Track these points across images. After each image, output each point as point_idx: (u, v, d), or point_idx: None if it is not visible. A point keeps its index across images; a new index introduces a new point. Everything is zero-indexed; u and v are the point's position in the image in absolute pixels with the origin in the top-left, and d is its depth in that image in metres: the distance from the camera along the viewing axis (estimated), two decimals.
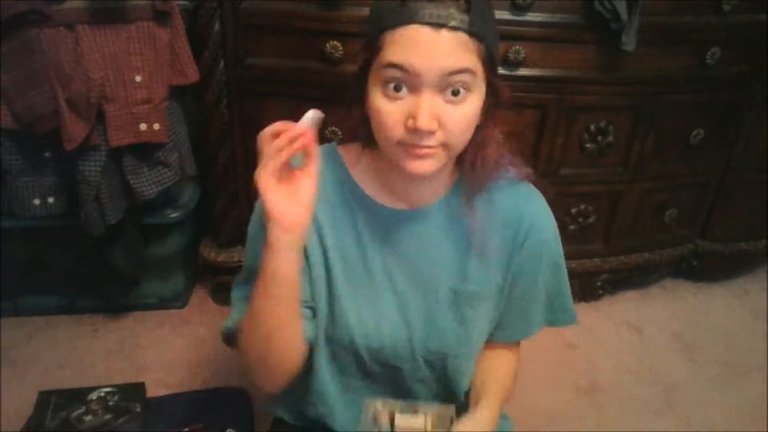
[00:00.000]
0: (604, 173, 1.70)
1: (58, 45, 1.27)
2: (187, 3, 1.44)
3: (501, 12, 1.42)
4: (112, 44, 1.33)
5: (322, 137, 1.50)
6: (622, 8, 1.39)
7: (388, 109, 0.70)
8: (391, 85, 0.69)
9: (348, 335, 0.85)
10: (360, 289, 0.84)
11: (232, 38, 1.44)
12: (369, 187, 0.83)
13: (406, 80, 0.68)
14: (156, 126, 1.41)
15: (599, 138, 1.63)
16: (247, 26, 1.43)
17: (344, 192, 0.83)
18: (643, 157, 1.70)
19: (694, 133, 1.71)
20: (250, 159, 1.60)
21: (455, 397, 0.92)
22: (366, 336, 0.85)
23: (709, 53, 1.58)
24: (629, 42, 1.43)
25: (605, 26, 1.43)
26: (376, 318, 0.85)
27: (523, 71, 1.49)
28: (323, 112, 0.75)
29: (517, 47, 1.45)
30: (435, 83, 0.68)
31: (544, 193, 0.88)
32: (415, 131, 0.69)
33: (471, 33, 0.67)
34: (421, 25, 0.66)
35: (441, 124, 0.70)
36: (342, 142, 0.87)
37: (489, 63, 0.71)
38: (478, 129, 0.75)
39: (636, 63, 1.52)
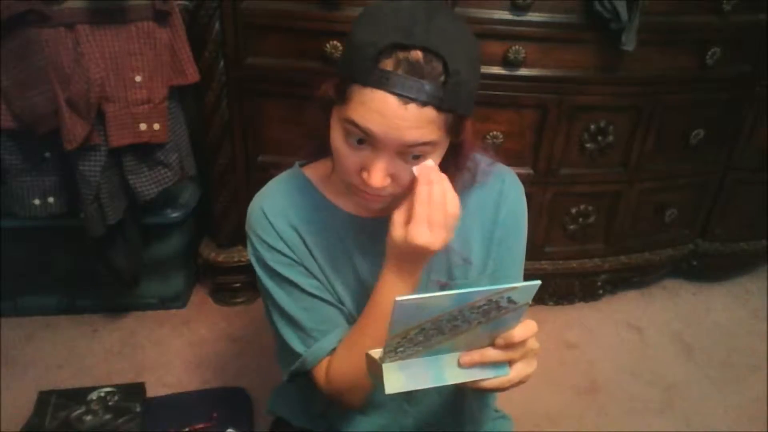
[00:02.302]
0: (604, 173, 1.70)
1: (58, 45, 1.27)
2: (187, 3, 1.44)
3: (501, 12, 1.43)
4: (112, 44, 1.33)
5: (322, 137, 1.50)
6: (622, 8, 1.39)
7: (346, 154, 0.70)
8: (352, 138, 0.68)
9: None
10: (355, 299, 0.85)
11: (232, 38, 1.44)
12: (345, 202, 0.83)
13: (366, 139, 0.67)
14: (156, 126, 1.41)
15: (599, 138, 1.63)
16: (247, 26, 1.43)
17: (321, 212, 0.83)
18: (643, 157, 1.70)
19: (694, 133, 1.71)
20: (250, 159, 1.60)
21: (456, 391, 0.92)
22: None
23: (709, 53, 1.58)
24: (629, 42, 1.43)
25: (605, 26, 1.43)
26: None
27: (523, 71, 1.49)
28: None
29: (517, 47, 1.45)
30: (395, 149, 0.67)
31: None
32: (366, 183, 0.69)
33: (440, 109, 0.65)
34: (390, 94, 0.63)
35: (394, 179, 0.70)
36: (303, 163, 0.88)
37: (455, 127, 0.69)
38: (454, 152, 0.74)
39: (636, 63, 1.52)
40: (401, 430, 0.93)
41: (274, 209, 0.83)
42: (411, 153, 0.68)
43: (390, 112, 0.63)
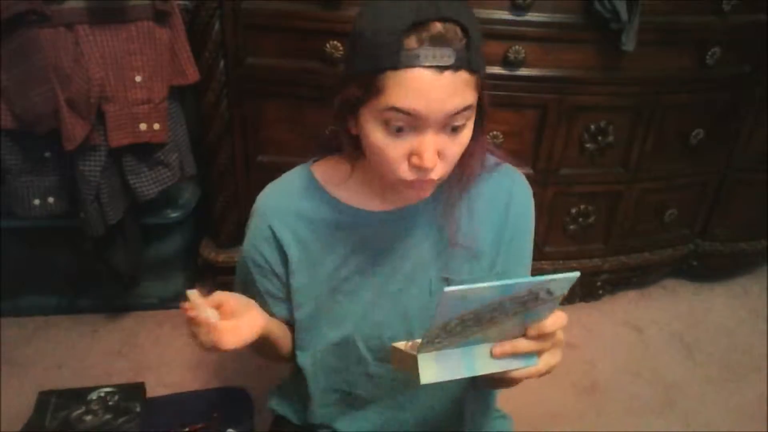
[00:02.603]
0: (604, 173, 1.70)
1: (58, 45, 1.27)
2: (187, 3, 1.44)
3: (501, 12, 1.43)
4: (112, 44, 1.33)
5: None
6: (622, 8, 1.39)
7: (390, 146, 0.70)
8: (395, 127, 0.69)
9: (350, 337, 0.87)
10: (358, 294, 0.86)
11: (232, 38, 1.44)
12: (351, 197, 0.84)
13: (409, 122, 0.68)
14: (156, 126, 1.41)
15: (599, 138, 1.63)
16: (247, 26, 1.43)
17: (323, 210, 0.84)
18: (643, 157, 1.70)
19: (694, 133, 1.71)
20: (250, 159, 1.60)
21: (456, 389, 0.93)
22: (367, 336, 0.87)
23: (709, 53, 1.58)
24: (629, 42, 1.43)
25: (605, 26, 1.43)
26: (376, 317, 0.86)
27: (523, 71, 1.49)
28: (325, 113, 0.76)
29: (517, 47, 1.45)
30: (439, 124, 0.68)
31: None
32: (419, 168, 0.70)
33: (471, 70, 0.67)
34: (424, 69, 0.64)
35: (441, 156, 0.71)
36: (315, 159, 0.88)
37: (483, 88, 0.72)
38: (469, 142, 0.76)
39: (636, 63, 1.52)
40: (400, 429, 0.93)
41: (270, 206, 0.85)
42: (452, 124, 0.69)
43: (428, 86, 0.65)
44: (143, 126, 1.40)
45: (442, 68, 0.65)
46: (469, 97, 0.68)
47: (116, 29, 1.32)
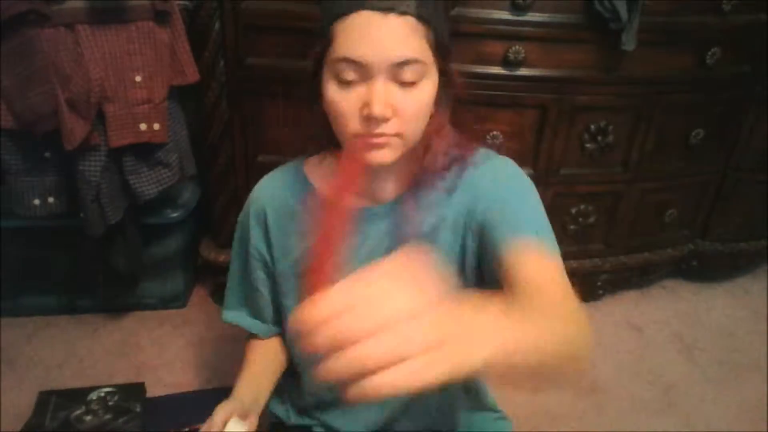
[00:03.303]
0: (604, 173, 1.70)
1: (58, 45, 1.27)
2: (187, 3, 1.44)
3: (501, 12, 1.42)
4: (112, 44, 1.33)
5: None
6: (622, 8, 1.39)
7: (342, 99, 0.70)
8: (345, 79, 0.69)
9: None
10: None
11: (232, 38, 1.44)
12: (329, 191, 0.84)
13: (359, 73, 0.68)
14: (156, 126, 1.41)
15: (599, 138, 1.63)
16: (247, 26, 1.43)
17: (306, 201, 0.85)
18: (643, 157, 1.70)
19: (694, 133, 1.71)
20: (250, 159, 1.59)
21: (450, 391, 0.93)
22: None
23: (709, 53, 1.58)
24: (629, 42, 1.43)
25: (605, 26, 1.43)
26: None
27: (523, 71, 1.49)
28: None
29: (517, 47, 1.45)
30: (387, 72, 0.68)
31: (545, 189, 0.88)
32: (369, 119, 0.68)
33: (419, 17, 0.67)
34: (370, 12, 0.66)
35: (395, 112, 0.69)
36: (309, 155, 0.90)
37: (440, 49, 0.71)
38: (430, 120, 0.75)
39: (636, 63, 1.52)
40: (395, 427, 0.93)
41: (260, 194, 0.90)
42: (403, 77, 0.68)
43: (372, 28, 0.66)
44: (143, 126, 1.40)
45: (385, 11, 0.65)
46: (417, 50, 0.68)
47: (116, 29, 1.32)
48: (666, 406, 1.58)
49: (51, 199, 1.45)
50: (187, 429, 1.32)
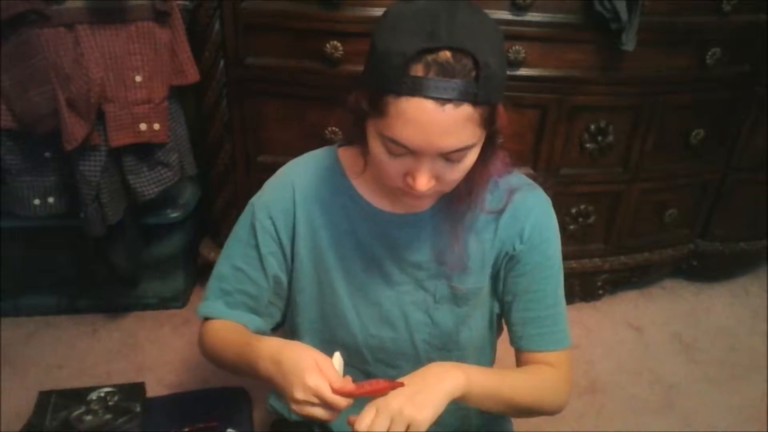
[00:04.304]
0: (604, 173, 1.70)
1: (58, 45, 1.27)
2: (187, 3, 1.44)
3: (501, 12, 1.43)
4: (112, 44, 1.33)
5: (322, 138, 1.50)
6: (622, 8, 1.39)
7: (388, 163, 0.70)
8: (393, 150, 0.68)
9: (350, 335, 0.87)
10: (360, 291, 0.86)
11: (232, 38, 1.44)
12: (367, 191, 0.83)
13: (406, 149, 0.67)
14: (156, 126, 1.41)
15: (599, 138, 1.63)
16: (247, 26, 1.43)
17: (342, 197, 0.83)
18: (643, 157, 1.70)
19: (694, 133, 1.71)
20: (250, 159, 1.59)
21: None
22: (367, 335, 0.87)
23: (709, 53, 1.58)
24: (629, 42, 1.43)
25: (605, 26, 1.43)
26: (377, 317, 0.86)
27: (523, 71, 1.49)
28: (325, 113, 0.76)
29: (517, 47, 1.45)
30: (435, 155, 0.67)
31: (545, 189, 0.87)
32: (412, 188, 0.70)
33: (475, 103, 0.64)
34: (426, 99, 0.62)
35: (438, 180, 0.70)
36: (342, 144, 0.87)
37: (491, 119, 0.68)
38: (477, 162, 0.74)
39: (636, 63, 1.52)
40: None
41: (295, 182, 0.84)
42: (451, 157, 0.68)
43: (427, 118, 0.63)
44: (143, 126, 1.40)
45: (444, 101, 0.62)
46: (471, 137, 0.66)
47: (116, 29, 1.32)
48: (666, 406, 1.58)
49: (51, 199, 1.45)
50: (187, 429, 1.32)
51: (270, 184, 0.86)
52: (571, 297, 1.88)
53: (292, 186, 0.83)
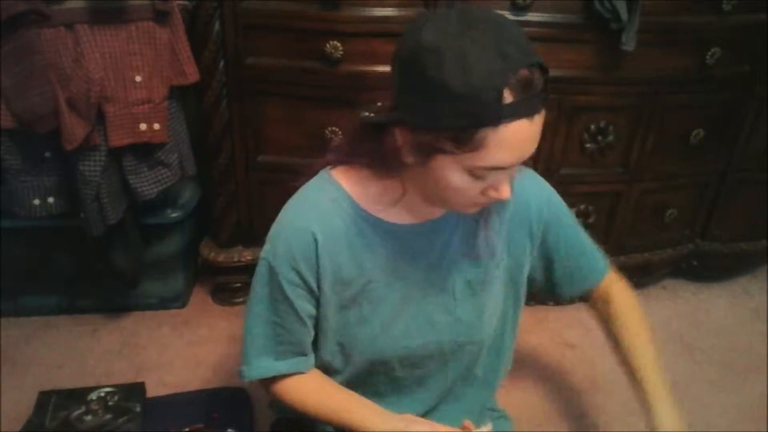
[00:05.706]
0: (604, 173, 1.70)
1: (58, 45, 1.27)
2: (187, 3, 1.44)
3: (501, 12, 1.42)
4: (112, 44, 1.33)
5: (322, 137, 1.50)
6: (622, 8, 1.39)
7: (469, 186, 0.72)
8: (482, 175, 0.71)
9: (377, 351, 0.88)
10: (385, 307, 0.86)
11: (232, 38, 1.44)
12: (380, 210, 0.83)
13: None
14: (156, 126, 1.41)
15: (599, 138, 1.63)
16: (247, 26, 1.43)
17: (357, 224, 0.83)
18: (643, 157, 1.70)
19: (694, 133, 1.71)
20: (250, 159, 1.60)
21: (467, 381, 0.97)
22: (396, 347, 0.88)
23: (709, 53, 1.58)
24: (629, 42, 1.43)
25: (605, 26, 1.43)
26: (403, 328, 0.88)
27: None
28: (325, 112, 0.77)
29: None
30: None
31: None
32: (495, 199, 0.74)
33: (545, 106, 0.69)
34: (524, 119, 0.66)
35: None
36: (332, 166, 0.87)
37: None
38: None
39: (636, 63, 1.52)
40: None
41: (313, 228, 0.81)
42: None
43: (524, 136, 0.67)
44: (143, 126, 1.40)
45: (532, 115, 0.66)
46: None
47: (116, 29, 1.32)
48: None
49: (51, 199, 1.45)
50: (187, 429, 1.32)
51: (281, 235, 0.83)
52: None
53: (312, 233, 0.81)
